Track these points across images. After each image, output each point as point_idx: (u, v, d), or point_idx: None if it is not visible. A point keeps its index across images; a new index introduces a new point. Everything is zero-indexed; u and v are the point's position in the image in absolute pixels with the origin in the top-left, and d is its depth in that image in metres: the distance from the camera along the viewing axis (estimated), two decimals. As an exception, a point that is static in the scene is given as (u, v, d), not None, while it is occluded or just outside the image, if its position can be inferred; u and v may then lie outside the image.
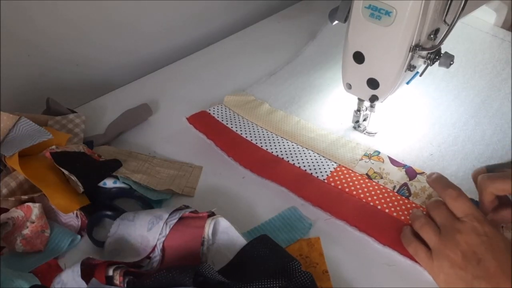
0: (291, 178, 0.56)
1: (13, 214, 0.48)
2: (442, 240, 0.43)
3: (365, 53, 0.52)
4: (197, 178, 0.58)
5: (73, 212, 0.49)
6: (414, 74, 0.55)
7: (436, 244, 0.44)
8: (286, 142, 0.61)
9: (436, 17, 0.48)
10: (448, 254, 0.42)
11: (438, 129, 0.64)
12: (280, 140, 0.61)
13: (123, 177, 0.52)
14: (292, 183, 0.55)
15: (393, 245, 0.48)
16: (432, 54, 0.49)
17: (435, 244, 0.44)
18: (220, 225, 0.47)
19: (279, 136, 0.62)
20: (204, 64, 0.79)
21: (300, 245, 0.49)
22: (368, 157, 0.58)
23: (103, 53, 0.73)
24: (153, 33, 0.78)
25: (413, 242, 0.46)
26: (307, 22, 0.89)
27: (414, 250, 0.46)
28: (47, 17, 0.63)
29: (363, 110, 0.62)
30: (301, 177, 0.56)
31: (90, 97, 0.71)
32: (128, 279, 0.42)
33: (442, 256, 0.42)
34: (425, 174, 0.56)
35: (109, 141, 0.62)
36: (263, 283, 0.42)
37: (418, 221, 0.47)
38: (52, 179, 0.50)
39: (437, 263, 0.43)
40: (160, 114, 0.68)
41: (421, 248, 0.45)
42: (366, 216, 0.51)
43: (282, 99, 0.70)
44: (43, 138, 0.51)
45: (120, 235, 0.48)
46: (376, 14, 0.47)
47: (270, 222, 0.52)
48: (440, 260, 0.43)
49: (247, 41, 0.84)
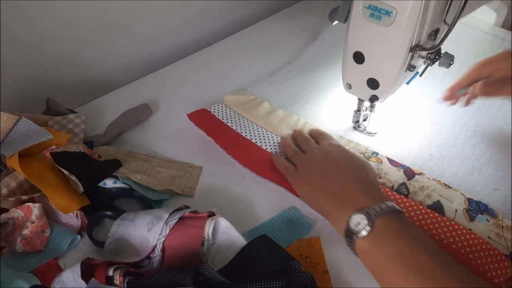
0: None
1: (13, 214, 0.48)
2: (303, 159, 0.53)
3: (365, 53, 0.52)
4: (197, 178, 0.58)
5: (73, 212, 0.49)
6: (414, 74, 0.55)
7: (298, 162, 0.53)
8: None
9: (436, 17, 0.48)
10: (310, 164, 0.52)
11: (438, 130, 0.64)
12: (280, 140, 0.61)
13: (123, 177, 0.52)
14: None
15: None
16: (432, 54, 0.49)
17: (298, 163, 0.53)
18: (220, 225, 0.47)
19: (279, 136, 0.62)
20: (204, 64, 0.79)
21: (300, 245, 0.49)
22: (366, 159, 0.58)
23: (103, 53, 0.73)
24: (153, 33, 0.78)
25: (284, 163, 0.55)
26: (307, 22, 0.89)
27: (285, 169, 0.54)
28: (47, 18, 0.63)
29: (363, 110, 0.62)
30: None
31: (90, 97, 0.71)
32: (128, 279, 0.42)
33: (304, 167, 0.52)
34: (423, 174, 0.56)
35: (109, 141, 0.62)
36: (263, 283, 0.42)
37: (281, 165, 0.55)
38: (52, 179, 0.50)
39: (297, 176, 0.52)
40: (160, 114, 0.68)
41: (291, 167, 0.54)
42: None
43: (282, 98, 0.70)
44: (43, 138, 0.51)
45: (120, 235, 0.48)
46: (376, 14, 0.47)
47: (270, 222, 0.52)
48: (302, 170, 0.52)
49: (247, 41, 0.84)
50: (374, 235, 0.41)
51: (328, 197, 0.47)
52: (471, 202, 0.53)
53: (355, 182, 0.47)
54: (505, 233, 0.49)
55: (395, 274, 0.39)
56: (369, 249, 0.41)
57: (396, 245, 0.40)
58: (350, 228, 0.42)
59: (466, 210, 0.51)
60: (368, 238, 0.41)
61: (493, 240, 0.48)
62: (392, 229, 0.41)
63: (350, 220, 0.42)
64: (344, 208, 0.44)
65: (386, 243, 0.40)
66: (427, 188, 0.54)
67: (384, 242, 0.40)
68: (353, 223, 0.42)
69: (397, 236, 0.41)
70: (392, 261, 0.39)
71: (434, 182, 0.55)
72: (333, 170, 0.50)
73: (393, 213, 0.43)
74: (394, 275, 0.39)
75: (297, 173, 0.52)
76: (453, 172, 0.58)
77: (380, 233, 0.41)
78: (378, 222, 0.41)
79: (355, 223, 0.42)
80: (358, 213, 0.42)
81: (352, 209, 0.43)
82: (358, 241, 0.42)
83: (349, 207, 0.43)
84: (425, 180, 0.55)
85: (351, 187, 0.47)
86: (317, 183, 0.49)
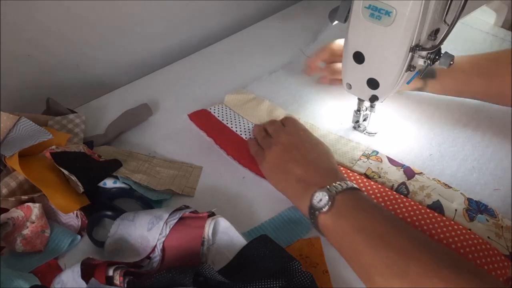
0: None
1: (13, 214, 0.48)
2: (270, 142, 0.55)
3: (365, 53, 0.52)
4: (197, 178, 0.58)
5: (73, 212, 0.49)
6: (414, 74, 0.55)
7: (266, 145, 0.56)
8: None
9: (436, 17, 0.48)
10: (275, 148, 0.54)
11: (438, 130, 0.64)
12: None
13: (123, 177, 0.52)
14: None
15: None
16: (432, 54, 0.49)
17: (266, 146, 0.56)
18: (220, 225, 0.47)
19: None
20: (204, 64, 0.78)
21: (300, 245, 0.49)
22: (366, 157, 0.59)
23: (103, 53, 0.73)
24: (153, 33, 0.78)
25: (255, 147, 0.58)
26: (307, 22, 0.89)
27: (255, 152, 0.57)
28: (47, 17, 0.63)
29: (363, 110, 0.62)
30: None
31: (90, 97, 0.71)
32: (128, 279, 0.42)
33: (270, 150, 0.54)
34: (423, 174, 0.56)
35: (109, 141, 0.62)
36: (263, 283, 0.42)
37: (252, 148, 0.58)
38: (52, 179, 0.50)
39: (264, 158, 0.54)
40: (160, 114, 0.68)
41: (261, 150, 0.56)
42: None
43: (282, 98, 0.70)
44: (43, 138, 0.51)
45: (120, 235, 0.48)
46: (376, 14, 0.47)
47: (270, 222, 0.52)
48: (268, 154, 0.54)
49: (247, 41, 0.84)
50: (335, 210, 0.44)
51: (292, 180, 0.50)
52: (470, 202, 0.53)
53: (317, 165, 0.51)
54: (505, 233, 0.49)
55: (357, 245, 0.42)
56: (331, 223, 0.44)
57: (355, 218, 0.43)
58: (312, 204, 0.45)
59: (466, 210, 0.51)
60: (330, 213, 0.44)
61: (493, 240, 0.48)
62: (352, 203, 0.45)
63: (312, 197, 0.46)
64: (307, 188, 0.47)
65: (347, 216, 0.44)
66: (427, 187, 0.54)
67: (345, 216, 0.44)
68: (315, 200, 0.45)
69: (356, 209, 0.44)
70: (352, 233, 0.42)
71: (434, 181, 0.55)
72: (297, 153, 0.52)
73: (352, 189, 0.46)
74: (355, 245, 0.42)
75: (264, 156, 0.55)
76: (453, 171, 0.58)
77: (340, 207, 0.44)
78: (338, 198, 0.45)
79: (317, 200, 0.45)
80: (320, 191, 0.46)
81: (315, 188, 0.46)
82: (321, 217, 0.45)
83: (312, 187, 0.47)
84: (425, 179, 0.55)
85: (313, 170, 0.50)
86: (282, 166, 0.52)
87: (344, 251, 0.44)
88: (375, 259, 0.40)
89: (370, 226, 0.42)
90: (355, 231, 0.42)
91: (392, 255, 0.39)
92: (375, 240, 0.41)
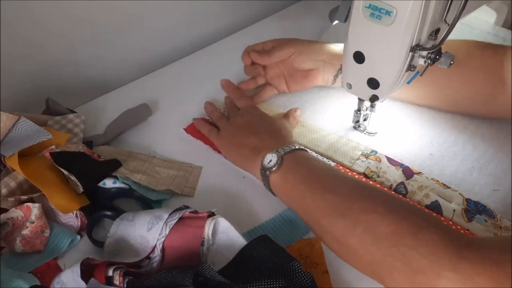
0: None
1: (12, 214, 0.48)
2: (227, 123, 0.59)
3: (365, 53, 0.52)
4: (197, 178, 0.58)
5: (72, 212, 0.49)
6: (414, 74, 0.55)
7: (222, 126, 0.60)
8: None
9: (437, 17, 0.47)
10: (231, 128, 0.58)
11: (439, 130, 0.64)
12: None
13: (123, 177, 0.52)
14: None
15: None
16: (433, 54, 0.49)
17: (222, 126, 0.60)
18: (220, 225, 0.47)
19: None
20: (204, 64, 0.78)
21: (300, 245, 0.49)
22: (365, 157, 0.59)
23: (103, 53, 0.73)
24: (153, 33, 0.78)
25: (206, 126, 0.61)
26: (307, 22, 0.89)
27: (208, 131, 0.61)
28: (47, 17, 0.63)
29: (363, 110, 0.62)
30: None
31: (90, 97, 0.71)
32: (128, 280, 0.42)
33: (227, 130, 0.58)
34: (422, 174, 0.56)
35: (108, 141, 0.62)
36: (263, 283, 0.41)
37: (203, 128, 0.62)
38: (51, 179, 0.49)
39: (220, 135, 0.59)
40: (159, 114, 0.68)
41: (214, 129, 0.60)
42: None
43: (282, 97, 0.70)
44: (42, 138, 0.51)
45: (119, 235, 0.48)
46: (376, 13, 0.47)
47: (270, 222, 0.52)
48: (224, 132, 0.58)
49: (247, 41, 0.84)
50: (283, 167, 0.49)
51: (247, 150, 0.54)
52: (469, 203, 0.52)
53: (271, 135, 0.55)
54: (503, 234, 0.49)
55: (303, 194, 0.47)
56: (279, 179, 0.49)
57: (301, 171, 0.48)
58: (263, 165, 0.50)
59: (464, 211, 0.51)
60: (279, 172, 0.49)
61: (493, 240, 0.48)
62: (298, 160, 0.50)
63: (263, 159, 0.50)
64: (259, 153, 0.52)
65: (293, 171, 0.49)
66: (426, 187, 0.54)
67: (291, 171, 0.49)
68: (266, 161, 0.50)
69: (301, 165, 0.49)
70: (298, 184, 0.48)
71: (433, 181, 0.55)
72: (252, 128, 0.57)
73: (299, 150, 0.51)
74: (302, 195, 0.47)
75: (220, 135, 0.59)
76: (452, 171, 0.58)
77: (288, 165, 0.49)
78: (286, 157, 0.50)
79: (268, 161, 0.50)
80: (270, 153, 0.50)
81: (266, 151, 0.51)
82: (271, 176, 0.50)
83: (264, 151, 0.51)
84: (423, 179, 0.55)
85: (267, 138, 0.54)
86: (238, 140, 0.56)
87: (293, 204, 0.49)
88: (319, 204, 0.45)
89: (315, 177, 0.47)
90: (301, 182, 0.47)
91: (335, 198, 0.44)
92: (319, 188, 0.46)
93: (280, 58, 0.66)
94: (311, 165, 0.49)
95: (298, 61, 0.65)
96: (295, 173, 0.48)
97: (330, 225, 0.43)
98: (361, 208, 0.42)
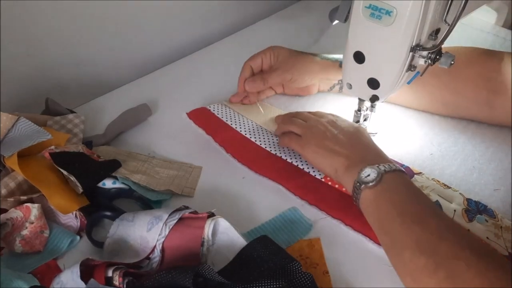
0: (289, 177, 0.56)
1: (12, 215, 0.47)
2: (308, 130, 0.56)
3: (366, 53, 0.52)
4: (196, 178, 0.58)
5: (72, 212, 0.49)
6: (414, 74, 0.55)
7: (304, 132, 0.57)
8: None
9: (437, 17, 0.47)
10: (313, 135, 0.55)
11: (439, 130, 0.63)
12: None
13: (123, 177, 0.52)
14: (290, 182, 0.55)
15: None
16: (433, 54, 0.49)
17: (303, 133, 0.57)
18: (220, 226, 0.47)
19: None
20: (204, 64, 0.78)
21: (300, 245, 0.49)
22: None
23: (103, 53, 0.73)
24: (153, 33, 0.78)
25: (286, 136, 0.59)
26: (307, 22, 0.89)
27: (289, 139, 0.58)
28: (47, 17, 0.63)
29: (363, 110, 0.62)
30: (299, 176, 0.56)
31: (90, 97, 0.71)
32: (127, 280, 0.42)
33: (309, 138, 0.55)
34: (422, 174, 0.56)
35: (108, 141, 0.62)
36: (263, 284, 0.41)
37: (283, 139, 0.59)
38: (51, 179, 0.49)
39: (305, 141, 0.55)
40: (159, 114, 0.68)
41: (295, 135, 0.57)
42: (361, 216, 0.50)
43: (282, 97, 0.70)
44: (42, 139, 0.51)
45: (119, 236, 0.48)
46: (376, 13, 0.47)
47: (270, 222, 0.52)
48: (308, 139, 0.55)
49: (247, 41, 0.84)
50: (380, 186, 0.46)
51: (342, 159, 0.51)
52: (470, 203, 0.52)
53: (365, 146, 0.53)
54: (504, 234, 0.49)
55: (392, 219, 0.44)
56: (373, 197, 0.47)
57: (397, 195, 0.46)
58: (359, 178, 0.48)
59: (465, 211, 0.51)
60: (374, 189, 0.46)
61: (492, 241, 0.48)
62: (397, 182, 0.47)
63: (361, 172, 0.48)
64: (358, 165, 0.49)
65: (389, 193, 0.46)
66: (426, 188, 0.54)
67: (388, 192, 0.46)
68: (363, 174, 0.48)
69: (399, 188, 0.47)
70: (391, 208, 0.45)
71: (433, 182, 0.55)
72: (341, 135, 0.54)
73: (399, 172, 0.48)
74: (391, 220, 0.44)
75: (304, 140, 0.56)
76: (453, 171, 0.58)
77: (385, 185, 0.46)
78: (386, 176, 0.47)
79: (365, 174, 0.47)
80: (369, 167, 0.48)
81: (364, 165, 0.49)
82: (364, 191, 0.47)
83: (360, 164, 0.49)
84: (424, 180, 0.55)
85: (361, 150, 0.52)
86: (329, 147, 0.53)
87: (377, 225, 0.46)
88: (406, 234, 0.42)
89: (408, 204, 0.45)
90: (394, 206, 0.45)
91: (423, 233, 0.41)
92: (410, 218, 0.43)
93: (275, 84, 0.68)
94: (407, 191, 0.47)
95: (296, 83, 0.67)
96: (391, 195, 0.46)
97: (411, 259, 0.40)
98: (447, 251, 0.39)
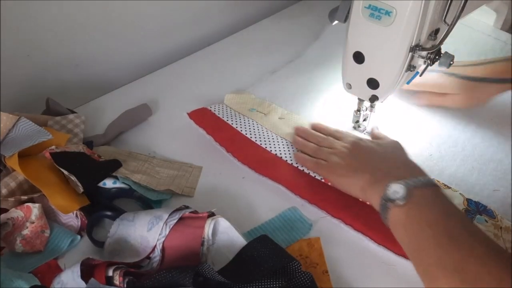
0: (289, 177, 0.56)
1: (12, 215, 0.48)
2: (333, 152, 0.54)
3: (365, 53, 0.52)
4: (197, 178, 0.58)
5: (72, 212, 0.49)
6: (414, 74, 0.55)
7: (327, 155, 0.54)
8: (285, 141, 0.61)
9: (436, 17, 0.48)
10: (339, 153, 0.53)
11: (439, 130, 0.64)
12: (280, 139, 0.61)
13: (123, 177, 0.52)
14: (290, 182, 0.55)
15: (389, 245, 0.48)
16: (432, 54, 0.49)
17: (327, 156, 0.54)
18: (220, 225, 0.47)
19: (279, 136, 0.62)
20: (204, 64, 0.78)
21: (300, 245, 0.49)
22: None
23: (103, 53, 0.73)
24: (153, 33, 0.78)
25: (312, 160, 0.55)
26: (307, 22, 0.89)
27: (315, 165, 0.54)
28: (47, 17, 0.63)
29: (363, 110, 0.62)
30: (299, 176, 0.56)
31: (90, 97, 0.71)
32: (128, 280, 0.42)
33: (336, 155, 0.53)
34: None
35: (108, 141, 0.62)
36: (263, 283, 0.42)
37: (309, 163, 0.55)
38: (51, 179, 0.50)
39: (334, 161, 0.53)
40: (159, 114, 0.68)
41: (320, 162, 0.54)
42: (361, 215, 0.51)
43: (282, 97, 0.70)
44: (42, 139, 0.51)
45: (119, 236, 0.48)
46: (376, 14, 0.47)
47: (270, 222, 0.52)
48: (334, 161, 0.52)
49: (247, 41, 0.84)
50: (411, 205, 0.42)
51: (367, 175, 0.48)
52: (470, 203, 0.52)
53: (392, 160, 0.50)
54: (504, 234, 0.49)
55: (427, 240, 0.40)
56: (404, 216, 0.42)
57: (431, 214, 0.41)
58: (386, 195, 0.43)
59: (465, 211, 0.51)
60: (405, 208, 0.42)
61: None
62: (430, 198, 0.43)
63: (387, 187, 0.43)
64: (383, 180, 0.45)
65: (422, 211, 0.42)
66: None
67: (420, 211, 0.42)
68: (390, 191, 0.43)
69: (433, 205, 0.42)
70: (426, 228, 0.40)
71: (434, 182, 0.55)
72: (367, 155, 0.52)
73: (431, 186, 0.44)
74: (425, 241, 0.40)
75: (330, 165, 0.53)
76: (452, 172, 0.58)
77: (417, 202, 0.42)
78: (416, 192, 0.42)
79: (391, 191, 0.43)
80: (396, 183, 0.43)
81: (389, 179, 0.44)
82: (393, 210, 0.43)
83: (385, 178, 0.45)
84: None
85: (388, 164, 0.49)
86: (354, 167, 0.51)
87: (410, 246, 0.42)
88: (443, 260, 0.38)
89: (443, 223, 0.40)
90: (428, 226, 0.41)
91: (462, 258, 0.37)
92: (446, 238, 0.39)
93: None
94: (441, 207, 0.42)
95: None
96: (424, 214, 0.41)
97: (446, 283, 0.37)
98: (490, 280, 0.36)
